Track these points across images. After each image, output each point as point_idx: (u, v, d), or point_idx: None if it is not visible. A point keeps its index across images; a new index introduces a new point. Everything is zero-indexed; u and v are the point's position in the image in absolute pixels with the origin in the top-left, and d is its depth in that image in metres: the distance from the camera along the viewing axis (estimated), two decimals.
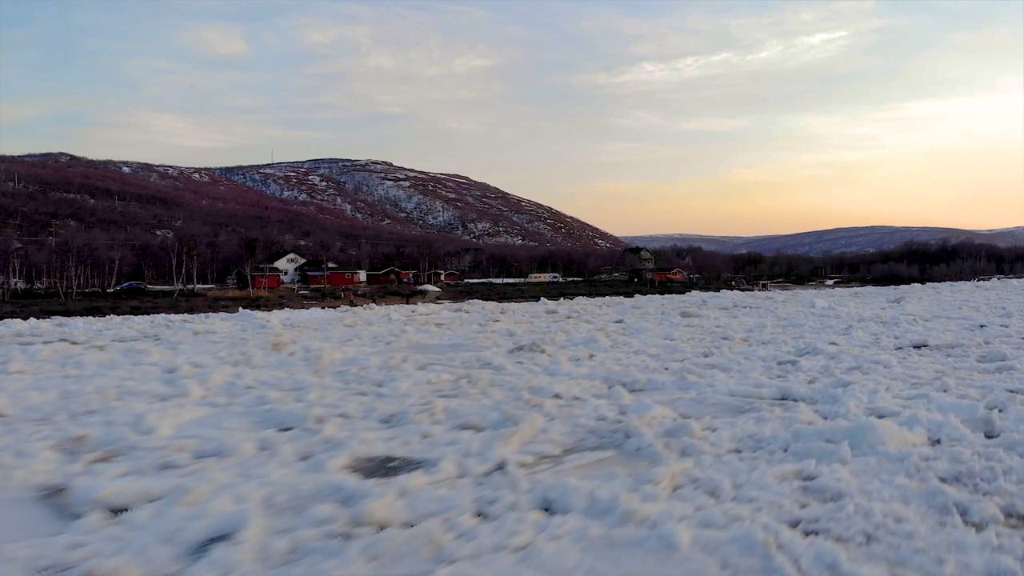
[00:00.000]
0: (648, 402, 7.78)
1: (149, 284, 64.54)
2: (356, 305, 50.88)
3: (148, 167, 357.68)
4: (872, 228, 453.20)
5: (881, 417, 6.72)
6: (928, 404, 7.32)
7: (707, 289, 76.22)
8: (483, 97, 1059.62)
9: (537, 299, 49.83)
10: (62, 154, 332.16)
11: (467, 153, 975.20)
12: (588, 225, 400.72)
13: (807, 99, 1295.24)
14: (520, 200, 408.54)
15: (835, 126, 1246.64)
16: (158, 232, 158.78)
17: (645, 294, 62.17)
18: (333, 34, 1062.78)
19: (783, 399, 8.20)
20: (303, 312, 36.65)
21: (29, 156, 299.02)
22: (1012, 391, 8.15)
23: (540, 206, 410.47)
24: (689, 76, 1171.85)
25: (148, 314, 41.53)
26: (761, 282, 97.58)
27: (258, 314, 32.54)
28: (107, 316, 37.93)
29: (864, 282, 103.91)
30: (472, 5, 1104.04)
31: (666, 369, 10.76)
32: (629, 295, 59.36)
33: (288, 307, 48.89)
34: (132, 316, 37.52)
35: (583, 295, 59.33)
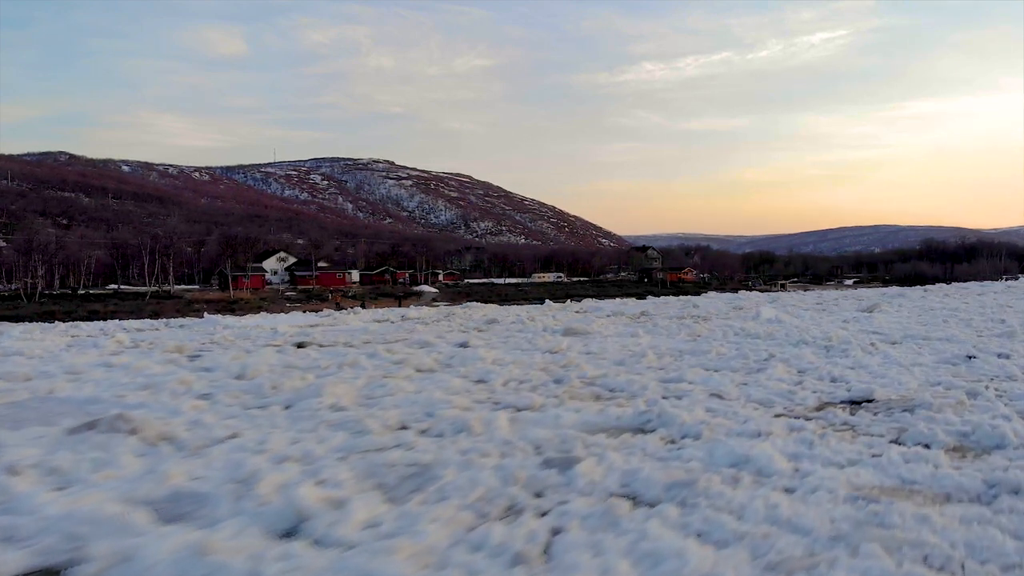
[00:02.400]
0: None
1: (124, 285, 60.13)
2: (342, 308, 46.38)
3: (148, 166, 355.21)
4: (877, 227, 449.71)
5: None
6: None
7: (722, 289, 71.54)
8: (484, 97, 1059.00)
9: (542, 301, 45.28)
10: (61, 153, 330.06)
11: (469, 153, 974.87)
12: (591, 224, 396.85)
13: (808, 98, 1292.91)
14: (523, 199, 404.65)
15: (837, 125, 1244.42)
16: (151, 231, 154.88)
17: (657, 295, 57.53)
18: (333, 34, 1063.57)
19: None
20: (256, 318, 31.53)
21: (28, 155, 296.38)
22: None
23: (543, 205, 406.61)
24: (690, 75, 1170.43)
25: (106, 319, 37.19)
26: (780, 282, 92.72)
27: (191, 321, 27.39)
28: (54, 323, 33.60)
29: (886, 282, 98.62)
30: (472, 5, 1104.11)
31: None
32: (640, 296, 54.71)
33: (266, 311, 44.35)
34: (80, 323, 33.11)
35: (591, 296, 54.75)
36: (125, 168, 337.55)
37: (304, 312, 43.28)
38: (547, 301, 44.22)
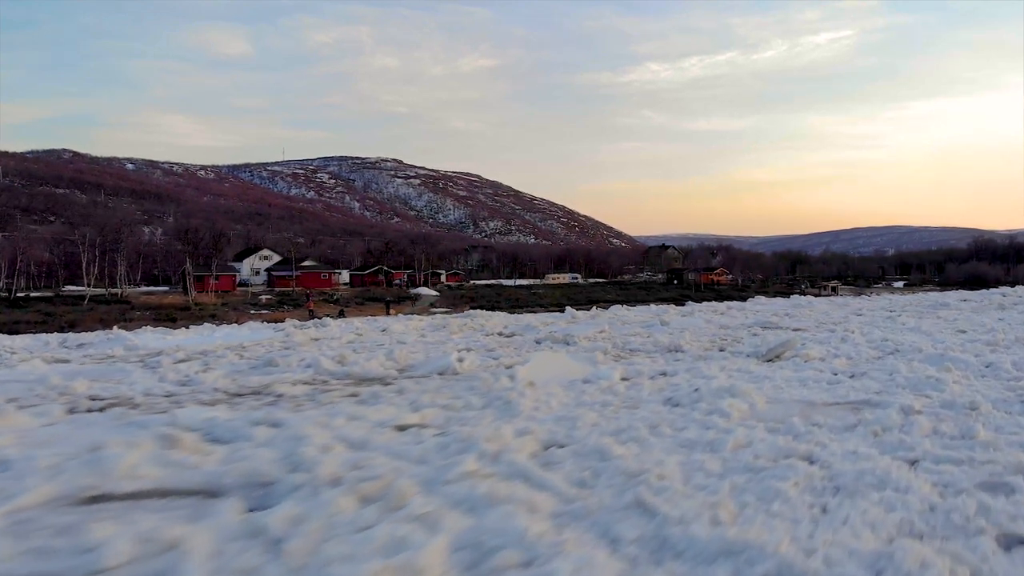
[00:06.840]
0: None
1: (66, 286, 51.84)
2: (315, 316, 37.26)
3: (153, 164, 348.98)
4: (890, 228, 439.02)
5: None
6: None
7: (764, 292, 62.01)
8: (488, 97, 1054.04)
9: (562, 309, 36.22)
10: (65, 150, 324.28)
11: (475, 152, 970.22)
12: (602, 224, 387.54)
13: (814, 98, 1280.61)
14: (533, 198, 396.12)
15: (843, 125, 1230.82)
16: (145, 228, 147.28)
17: (698, 300, 48.21)
18: (336, 35, 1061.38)
19: None
20: (179, 336, 22.24)
21: (30, 152, 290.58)
22: None
23: (553, 204, 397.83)
24: (694, 75, 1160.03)
25: (6, 331, 28.62)
26: (830, 285, 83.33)
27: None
28: None
29: (944, 285, 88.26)
30: (475, 5, 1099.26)
31: None
32: (679, 302, 45.44)
33: (219, 321, 35.57)
34: None
35: (619, 303, 45.47)
36: (130, 166, 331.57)
37: (263, 322, 34.54)
38: (568, 310, 35.19)
